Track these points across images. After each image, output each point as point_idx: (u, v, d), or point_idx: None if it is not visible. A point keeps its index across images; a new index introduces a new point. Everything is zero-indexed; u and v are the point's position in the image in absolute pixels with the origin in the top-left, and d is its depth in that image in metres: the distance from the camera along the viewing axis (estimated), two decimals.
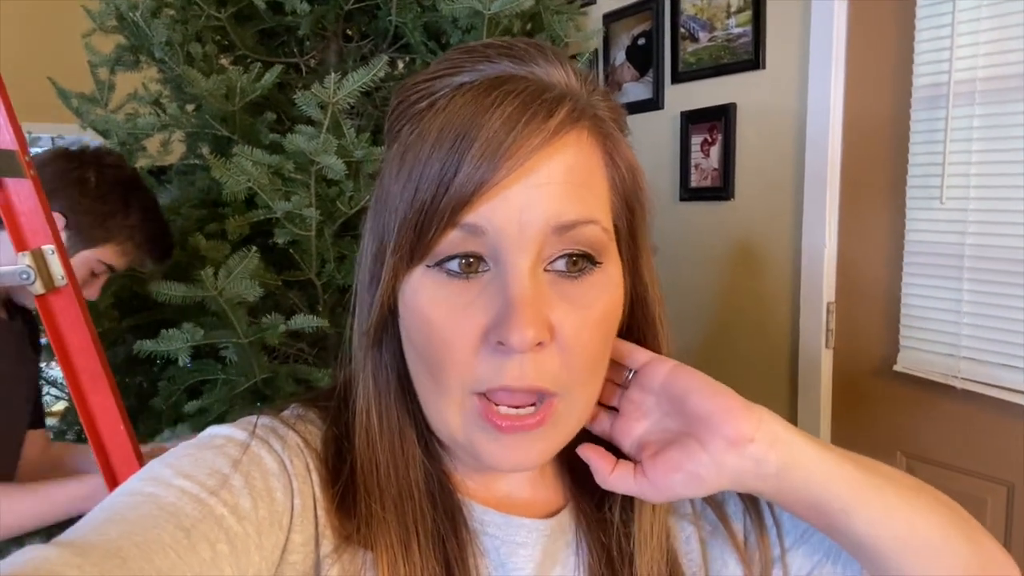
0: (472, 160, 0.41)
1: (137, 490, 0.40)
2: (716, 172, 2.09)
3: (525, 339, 0.40)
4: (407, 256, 0.44)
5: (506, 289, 0.41)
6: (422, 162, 0.42)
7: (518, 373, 0.42)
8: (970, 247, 1.50)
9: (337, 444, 0.49)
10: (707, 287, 2.17)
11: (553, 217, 0.42)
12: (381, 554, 0.45)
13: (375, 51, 1.54)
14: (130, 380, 1.28)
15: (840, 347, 1.83)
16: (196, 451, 0.44)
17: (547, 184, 0.42)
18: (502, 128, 0.41)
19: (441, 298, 0.43)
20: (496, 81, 0.43)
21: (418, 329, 0.44)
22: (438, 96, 0.44)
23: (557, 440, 0.46)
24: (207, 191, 1.32)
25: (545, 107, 0.42)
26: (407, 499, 0.47)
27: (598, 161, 0.45)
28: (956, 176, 1.52)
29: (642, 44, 2.32)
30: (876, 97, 1.69)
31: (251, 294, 1.07)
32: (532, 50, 0.45)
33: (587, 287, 0.44)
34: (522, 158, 0.41)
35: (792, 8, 1.84)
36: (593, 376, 0.46)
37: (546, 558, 0.50)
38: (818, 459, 0.46)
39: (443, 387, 0.44)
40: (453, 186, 0.41)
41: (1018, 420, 1.47)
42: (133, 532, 0.36)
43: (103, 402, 0.84)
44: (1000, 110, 1.44)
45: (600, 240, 0.44)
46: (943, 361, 1.57)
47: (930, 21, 1.54)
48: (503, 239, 0.41)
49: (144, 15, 1.16)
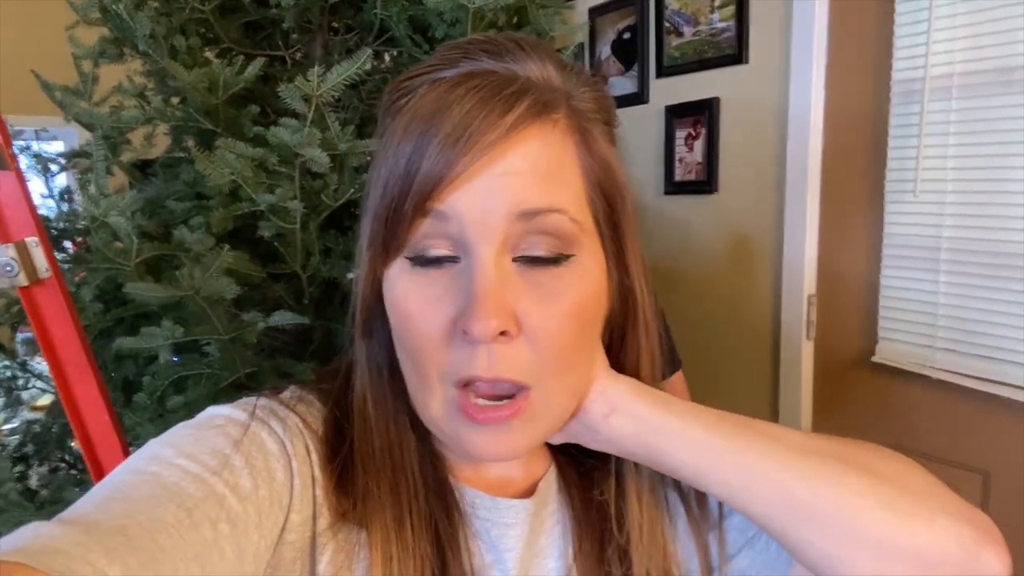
0: (434, 151, 0.42)
1: (139, 469, 0.41)
2: (700, 166, 2.10)
3: (487, 329, 0.41)
4: (382, 249, 0.45)
5: (470, 279, 0.42)
6: (391, 157, 0.44)
7: (486, 364, 0.42)
8: (946, 240, 1.53)
9: (337, 425, 0.50)
10: (691, 279, 2.19)
11: (516, 204, 0.42)
12: (375, 532, 0.46)
13: (361, 44, 1.54)
14: (116, 374, 1.28)
15: (821, 338, 1.86)
16: (197, 431, 0.44)
17: (511, 174, 0.42)
18: (462, 121, 0.42)
19: (415, 289, 0.44)
20: (465, 77, 0.44)
21: (397, 321, 0.45)
22: (415, 92, 0.46)
23: (536, 433, 0.46)
24: (192, 184, 1.32)
25: (503, 101, 0.42)
26: (401, 480, 0.48)
27: (570, 153, 0.46)
28: (932, 170, 1.54)
29: (627, 38, 2.33)
30: (856, 92, 1.72)
31: (229, 292, 1.07)
32: (511, 44, 0.46)
33: (557, 278, 0.44)
34: (481, 150, 0.41)
35: (774, 3, 1.86)
36: (568, 368, 0.46)
37: (532, 534, 0.52)
38: (661, 427, 0.46)
39: (424, 377, 0.45)
40: (417, 177, 0.42)
41: (993, 409, 1.50)
42: (136, 511, 0.37)
43: (88, 393, 0.84)
44: (976, 104, 1.46)
45: (568, 230, 0.44)
46: (920, 352, 1.60)
47: (908, 17, 1.56)
48: (467, 226, 0.42)
49: (127, 7, 1.15)
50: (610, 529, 0.52)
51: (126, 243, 1.09)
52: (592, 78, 0.49)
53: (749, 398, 2.02)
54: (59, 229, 1.32)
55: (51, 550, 0.32)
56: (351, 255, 1.28)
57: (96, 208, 1.03)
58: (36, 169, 1.40)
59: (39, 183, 1.41)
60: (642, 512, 0.52)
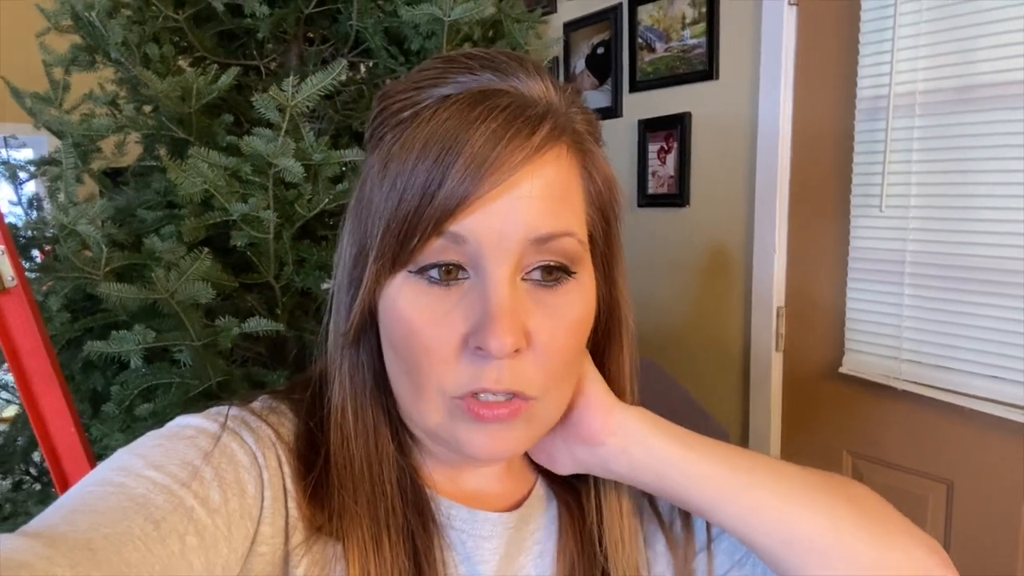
0: (456, 174, 0.42)
1: (107, 480, 0.40)
2: (672, 179, 2.13)
3: (504, 345, 0.42)
4: (389, 262, 0.45)
5: (486, 297, 0.43)
6: (407, 172, 0.44)
7: (496, 376, 0.43)
8: (911, 254, 1.57)
9: (311, 438, 0.50)
10: (663, 291, 2.22)
11: (533, 229, 0.43)
12: (352, 547, 0.46)
13: (336, 55, 1.55)
14: (83, 386, 1.27)
15: (790, 350, 1.89)
16: (166, 441, 0.44)
17: (528, 198, 0.43)
18: (486, 144, 0.42)
19: (422, 304, 0.44)
20: (480, 95, 0.44)
21: (399, 333, 0.45)
22: (422, 106, 0.45)
23: (531, 435, 0.47)
24: (164, 193, 1.31)
25: (528, 124, 0.43)
26: (379, 495, 0.48)
27: (576, 175, 0.47)
28: (897, 185, 1.58)
29: (601, 53, 2.36)
30: (823, 108, 1.76)
31: (204, 296, 1.06)
32: (513, 63, 0.46)
33: (562, 296, 0.46)
34: (505, 174, 0.42)
35: (744, 21, 1.90)
36: (566, 379, 0.48)
37: (511, 549, 0.52)
38: (676, 461, 0.49)
39: (421, 389, 0.45)
40: (437, 198, 0.42)
41: (956, 420, 1.53)
42: (102, 523, 0.36)
43: (54, 404, 0.83)
44: (938, 121, 1.51)
45: (576, 251, 0.46)
46: (885, 363, 1.64)
47: (873, 36, 1.60)
48: (483, 248, 0.43)
49: (100, 15, 1.15)
50: (594, 552, 0.53)
51: (95, 252, 1.08)
52: (580, 98, 0.50)
53: (720, 409, 2.04)
54: (27, 237, 1.30)
55: (15, 563, 0.32)
56: (325, 265, 1.28)
57: (65, 217, 1.02)
58: (4, 176, 1.38)
59: (7, 191, 1.39)
60: (621, 531, 0.54)
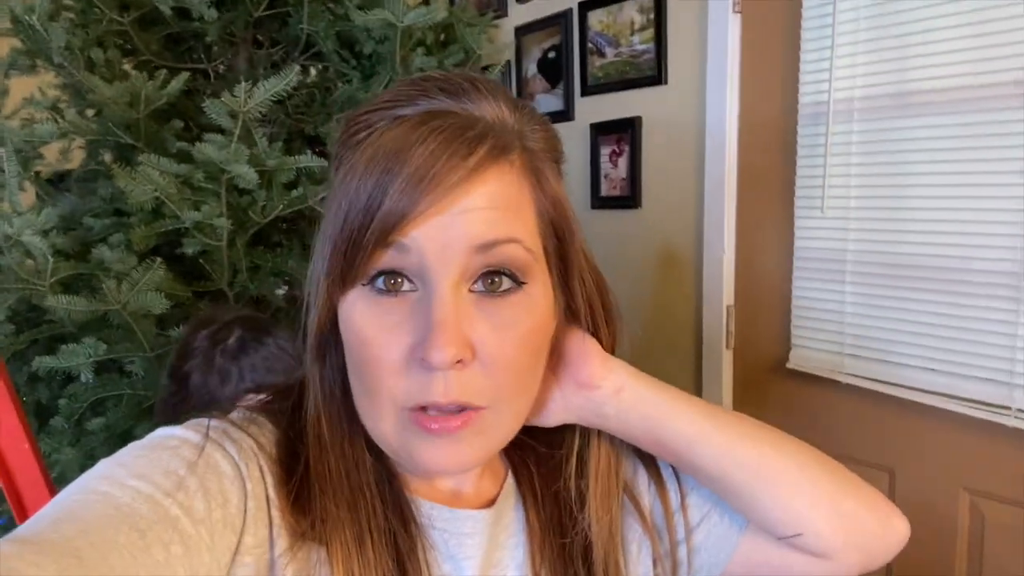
0: (395, 192, 0.43)
1: (91, 488, 0.40)
2: (624, 182, 2.17)
3: (445, 357, 0.42)
4: (339, 279, 0.46)
5: (428, 309, 0.44)
6: (351, 192, 0.45)
7: (443, 389, 0.44)
8: (851, 253, 1.63)
9: (291, 446, 0.50)
10: (616, 291, 2.25)
11: (476, 237, 0.44)
12: (336, 551, 0.47)
13: (287, 58, 1.53)
14: (28, 398, 1.23)
15: (739, 347, 1.94)
16: (150, 452, 0.44)
17: (470, 211, 0.44)
18: (424, 163, 0.43)
19: (372, 316, 0.45)
20: (426, 116, 0.45)
21: (353, 344, 0.46)
22: (373, 129, 0.46)
23: (485, 448, 0.48)
24: (110, 200, 1.28)
25: (466, 145, 0.44)
26: (360, 499, 0.49)
27: (525, 192, 0.48)
28: (837, 187, 1.64)
29: (552, 57, 2.39)
30: (768, 113, 1.81)
31: (158, 307, 1.04)
32: (467, 84, 0.47)
33: (509, 307, 0.46)
34: (442, 192, 0.43)
35: (690, 27, 1.94)
36: (521, 391, 0.49)
37: (490, 544, 0.54)
38: (661, 403, 0.55)
39: (376, 401, 0.46)
40: (378, 216, 0.43)
41: (896, 411, 1.60)
42: (89, 531, 0.37)
43: (6, 420, 0.81)
44: (876, 126, 1.57)
45: (522, 259, 0.46)
46: (829, 358, 1.70)
47: (813, 44, 1.66)
48: (427, 259, 0.44)
49: (42, 18, 1.12)
50: (572, 521, 0.55)
51: (40, 262, 1.05)
52: (541, 116, 0.51)
53: None
54: None
55: (3, 569, 0.32)
56: (280, 272, 1.27)
57: (9, 227, 0.99)
58: None
59: None
60: (605, 486, 0.57)
